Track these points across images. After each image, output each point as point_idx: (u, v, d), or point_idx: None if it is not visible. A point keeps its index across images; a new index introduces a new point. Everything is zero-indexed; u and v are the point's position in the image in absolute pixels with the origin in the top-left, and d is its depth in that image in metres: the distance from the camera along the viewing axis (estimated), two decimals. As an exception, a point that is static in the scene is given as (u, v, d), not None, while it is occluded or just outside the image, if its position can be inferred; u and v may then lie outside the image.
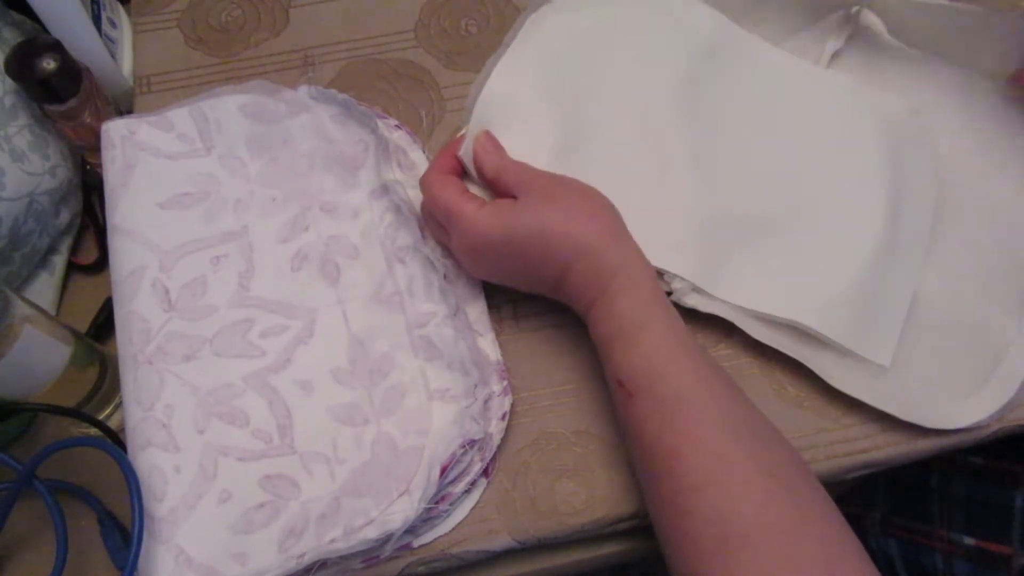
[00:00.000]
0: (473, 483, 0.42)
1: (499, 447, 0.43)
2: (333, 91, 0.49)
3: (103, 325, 0.49)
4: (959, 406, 0.43)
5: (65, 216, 0.50)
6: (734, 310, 0.45)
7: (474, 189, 0.44)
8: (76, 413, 0.42)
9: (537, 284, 0.43)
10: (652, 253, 0.42)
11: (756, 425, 0.37)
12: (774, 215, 0.47)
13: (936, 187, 0.47)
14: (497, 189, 0.43)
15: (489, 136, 0.44)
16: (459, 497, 0.42)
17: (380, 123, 0.48)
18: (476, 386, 0.42)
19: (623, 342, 0.39)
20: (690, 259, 0.45)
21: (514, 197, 0.42)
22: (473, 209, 0.41)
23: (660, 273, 0.45)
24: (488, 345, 0.45)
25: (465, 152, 0.44)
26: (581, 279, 0.40)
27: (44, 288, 0.49)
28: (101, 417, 0.45)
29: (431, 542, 0.42)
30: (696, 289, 0.45)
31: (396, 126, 0.51)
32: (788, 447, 0.37)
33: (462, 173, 0.45)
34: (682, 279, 0.45)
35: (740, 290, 0.45)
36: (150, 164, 0.47)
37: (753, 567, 0.32)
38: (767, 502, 0.34)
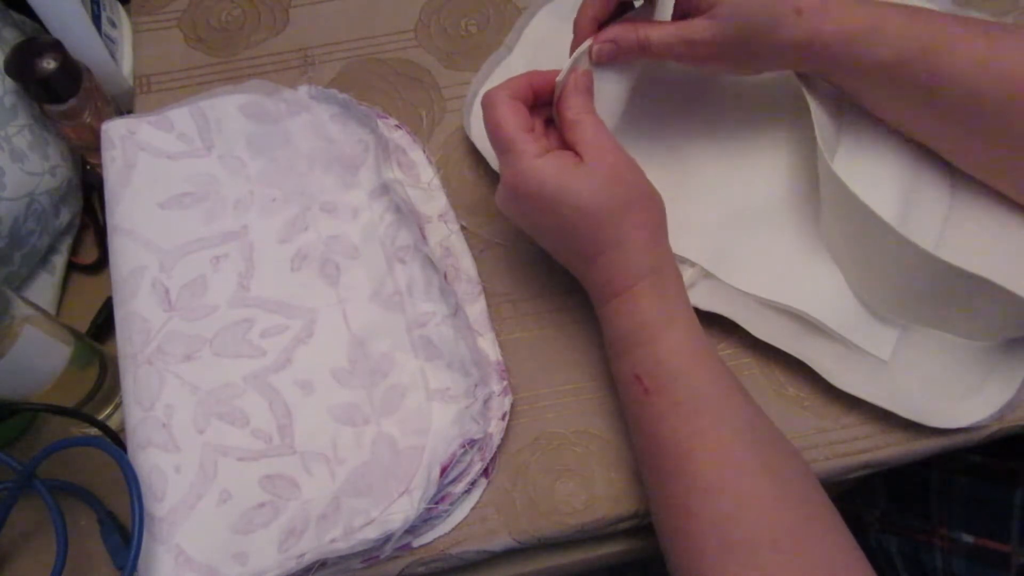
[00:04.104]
0: (473, 483, 0.42)
1: (499, 447, 0.43)
2: (333, 91, 0.49)
3: (103, 325, 0.49)
4: (960, 406, 0.43)
5: (65, 216, 0.50)
6: (735, 306, 0.45)
7: None
8: (76, 413, 0.42)
9: (564, 252, 0.42)
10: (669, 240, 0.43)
11: (765, 430, 0.37)
12: (780, 208, 0.48)
13: (948, 193, 0.47)
14: (565, 131, 0.41)
15: (589, 77, 0.42)
16: (459, 497, 0.42)
17: (380, 123, 0.48)
18: (476, 386, 0.43)
19: (647, 337, 0.39)
20: (700, 246, 0.46)
21: (576, 151, 0.40)
22: (534, 152, 0.39)
23: None
24: (488, 345, 0.45)
25: (561, 79, 0.41)
26: (613, 266, 0.40)
27: (44, 288, 0.49)
28: (101, 417, 0.45)
29: (431, 542, 0.42)
30: (707, 275, 0.46)
31: (396, 126, 0.51)
32: (794, 452, 0.38)
33: (532, 107, 0.42)
34: (692, 263, 0.45)
35: (745, 277, 0.45)
36: (150, 164, 0.47)
37: (756, 570, 0.32)
38: (775, 507, 0.34)
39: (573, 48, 0.42)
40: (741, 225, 0.47)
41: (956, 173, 0.47)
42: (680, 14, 0.42)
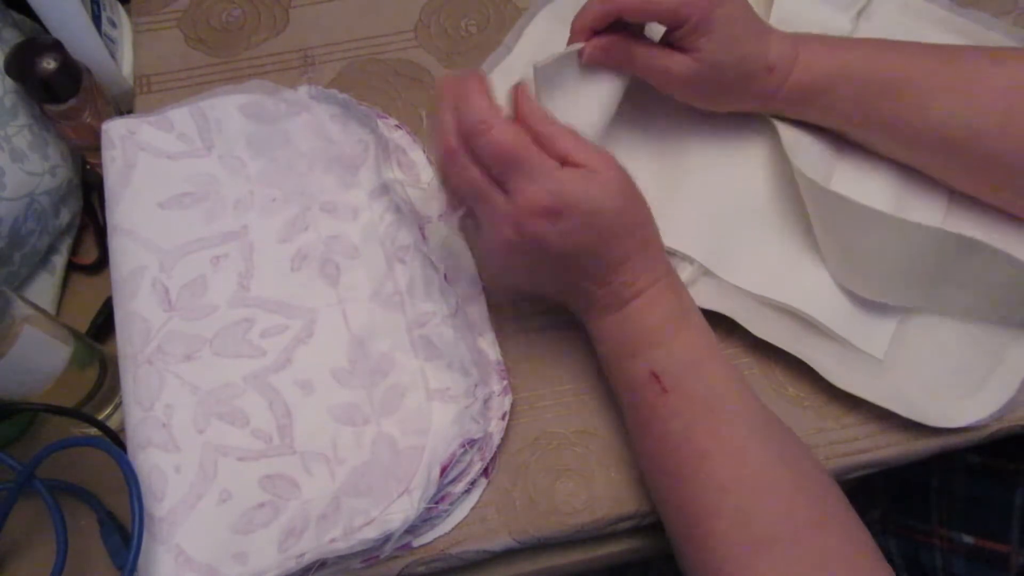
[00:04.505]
0: (473, 483, 0.42)
1: (499, 447, 0.43)
2: (333, 91, 0.49)
3: (103, 325, 0.49)
4: (960, 405, 0.43)
5: (65, 216, 0.50)
6: (735, 305, 0.45)
7: None
8: (76, 413, 0.42)
9: (581, 267, 0.39)
10: (666, 236, 0.43)
11: (777, 424, 0.38)
12: (778, 206, 0.48)
13: (947, 194, 0.48)
14: (547, 141, 0.37)
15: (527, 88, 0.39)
16: (459, 497, 0.42)
17: (380, 123, 0.48)
18: (476, 385, 0.43)
19: (668, 333, 0.39)
20: (699, 243, 0.46)
21: (570, 160, 0.37)
22: (554, 164, 0.36)
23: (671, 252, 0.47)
24: (488, 345, 0.45)
25: (510, 92, 0.39)
26: (637, 268, 0.39)
27: (44, 288, 0.49)
28: (101, 417, 0.45)
29: (431, 542, 0.42)
30: (706, 273, 0.46)
31: (396, 126, 0.51)
32: (803, 445, 0.38)
33: None
34: (691, 261, 0.45)
35: (743, 275, 0.46)
36: (150, 164, 0.47)
37: (780, 566, 0.33)
38: (793, 501, 0.34)
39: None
40: (739, 222, 0.48)
41: None
42: (667, 41, 0.43)
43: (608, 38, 0.42)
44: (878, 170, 0.48)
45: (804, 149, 0.47)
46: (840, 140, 0.48)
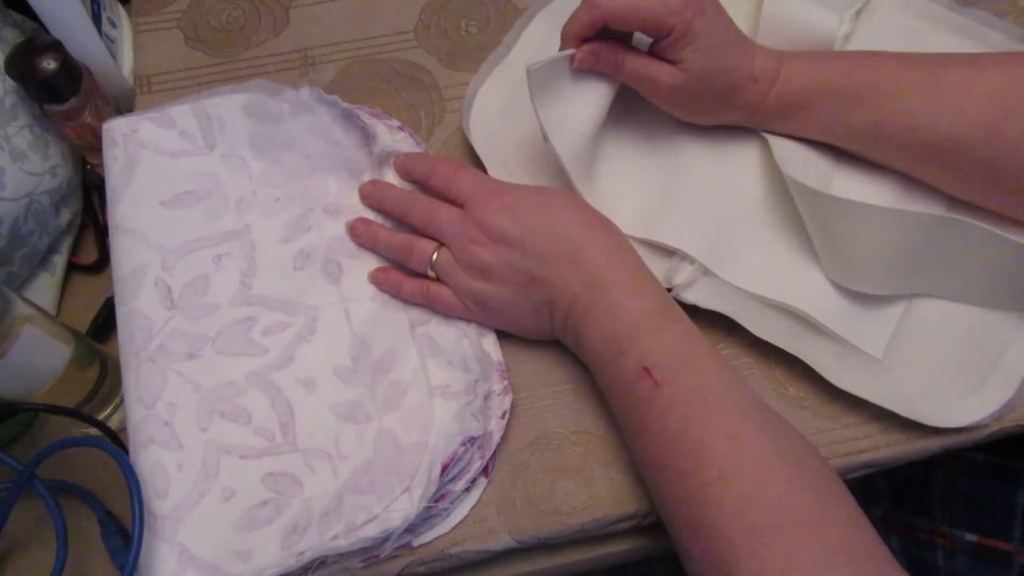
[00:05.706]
0: (473, 481, 0.42)
1: (499, 446, 0.43)
2: (335, 98, 0.49)
3: (103, 325, 0.49)
4: (960, 405, 0.43)
5: (65, 216, 0.50)
6: (735, 305, 0.45)
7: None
8: (76, 413, 0.42)
9: (551, 250, 0.41)
10: (665, 234, 0.44)
11: (770, 413, 0.38)
12: (776, 206, 0.48)
13: (946, 199, 0.48)
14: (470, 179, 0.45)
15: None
16: (459, 495, 0.42)
17: (382, 125, 0.48)
18: (476, 381, 0.43)
19: (655, 324, 0.39)
20: (700, 243, 0.46)
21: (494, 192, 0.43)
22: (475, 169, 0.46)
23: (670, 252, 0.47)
24: (489, 345, 0.45)
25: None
26: (600, 246, 0.41)
27: (44, 288, 0.49)
28: (101, 417, 0.45)
29: (431, 542, 0.42)
30: (706, 273, 0.46)
31: (399, 127, 0.51)
32: (797, 432, 0.38)
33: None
34: (692, 261, 0.45)
35: (743, 274, 0.46)
36: (152, 162, 0.47)
37: (782, 552, 0.33)
38: (791, 487, 0.34)
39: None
40: (739, 222, 0.48)
41: None
42: (654, 54, 0.44)
43: (598, 44, 0.43)
44: (878, 178, 0.48)
45: (793, 154, 0.47)
46: (839, 152, 0.49)
